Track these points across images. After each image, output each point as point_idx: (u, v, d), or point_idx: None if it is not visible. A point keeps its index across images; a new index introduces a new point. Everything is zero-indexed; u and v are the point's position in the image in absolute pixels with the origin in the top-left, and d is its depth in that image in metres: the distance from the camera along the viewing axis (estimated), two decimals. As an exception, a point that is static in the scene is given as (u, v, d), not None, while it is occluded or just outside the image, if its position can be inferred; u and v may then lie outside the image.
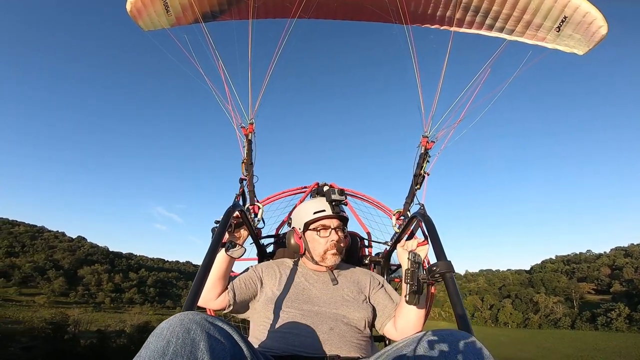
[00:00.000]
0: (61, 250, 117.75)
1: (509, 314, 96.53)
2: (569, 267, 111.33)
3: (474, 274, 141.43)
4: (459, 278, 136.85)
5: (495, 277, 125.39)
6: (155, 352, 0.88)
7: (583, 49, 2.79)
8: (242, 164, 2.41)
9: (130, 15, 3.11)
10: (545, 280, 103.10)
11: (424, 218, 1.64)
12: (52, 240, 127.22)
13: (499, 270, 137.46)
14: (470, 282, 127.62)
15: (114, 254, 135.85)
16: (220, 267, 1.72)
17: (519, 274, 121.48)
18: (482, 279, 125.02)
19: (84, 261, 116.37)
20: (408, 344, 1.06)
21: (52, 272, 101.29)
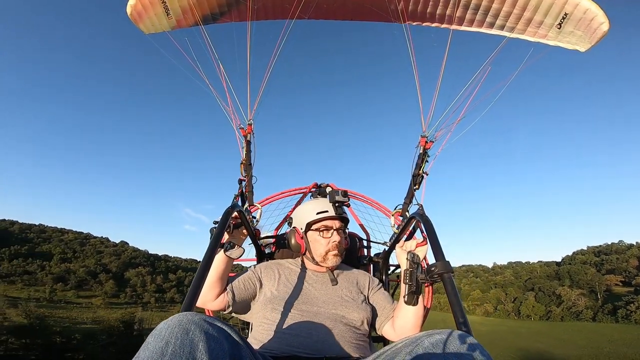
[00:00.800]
0: (108, 255, 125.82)
1: (532, 306, 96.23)
2: (597, 259, 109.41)
3: (502, 267, 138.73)
4: (485, 271, 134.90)
5: (523, 269, 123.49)
6: (154, 353, 0.87)
7: (585, 46, 2.76)
8: (241, 164, 2.42)
9: (131, 18, 3.13)
10: (572, 273, 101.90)
11: (423, 218, 1.63)
12: (98, 246, 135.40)
13: (529, 262, 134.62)
14: (497, 275, 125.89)
15: (153, 257, 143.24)
16: (218, 268, 1.72)
17: (548, 266, 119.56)
18: (510, 272, 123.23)
19: (128, 264, 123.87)
20: (407, 344, 1.05)
21: (103, 276, 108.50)
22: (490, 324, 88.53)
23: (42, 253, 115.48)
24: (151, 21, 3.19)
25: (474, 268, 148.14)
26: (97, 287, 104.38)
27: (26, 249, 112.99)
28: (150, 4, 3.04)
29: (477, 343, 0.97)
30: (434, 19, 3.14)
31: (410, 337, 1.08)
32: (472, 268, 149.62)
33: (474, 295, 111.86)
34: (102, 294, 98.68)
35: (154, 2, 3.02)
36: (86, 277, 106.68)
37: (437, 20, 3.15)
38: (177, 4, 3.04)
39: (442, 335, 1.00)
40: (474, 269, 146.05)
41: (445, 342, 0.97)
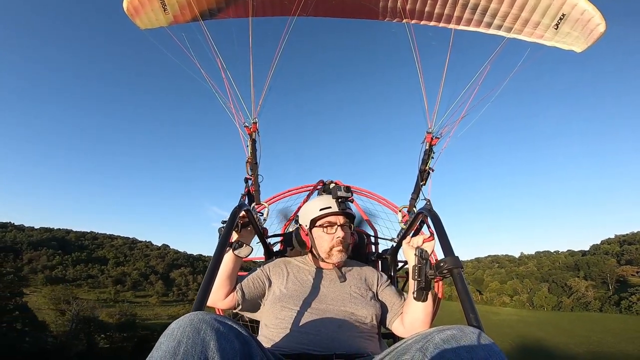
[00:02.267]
0: (154, 258, 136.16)
1: (544, 297, 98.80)
2: (619, 249, 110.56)
3: (529, 256, 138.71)
4: (512, 261, 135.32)
5: (548, 259, 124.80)
6: (166, 353, 0.88)
7: (581, 47, 2.82)
8: (246, 163, 2.40)
9: (127, 13, 3.06)
10: (591, 263, 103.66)
11: (430, 213, 1.64)
12: (144, 250, 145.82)
13: (558, 252, 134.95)
14: (521, 265, 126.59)
15: (192, 257, 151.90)
16: (227, 267, 1.72)
17: (573, 255, 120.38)
18: (533, 262, 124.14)
19: (172, 265, 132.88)
20: (417, 340, 1.05)
21: (153, 277, 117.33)
22: (503, 314, 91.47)
23: (98, 258, 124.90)
24: (148, 16, 3.11)
25: (500, 258, 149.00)
26: (149, 287, 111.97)
27: (85, 255, 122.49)
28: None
29: (488, 338, 0.97)
30: (434, 18, 3.16)
31: (420, 333, 1.08)
32: (497, 258, 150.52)
33: (492, 287, 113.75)
34: (154, 294, 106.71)
35: (151, -4, 2.95)
36: (139, 279, 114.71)
37: (435, 19, 3.18)
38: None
39: (453, 330, 1.00)
40: (499, 259, 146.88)
41: (456, 338, 0.97)
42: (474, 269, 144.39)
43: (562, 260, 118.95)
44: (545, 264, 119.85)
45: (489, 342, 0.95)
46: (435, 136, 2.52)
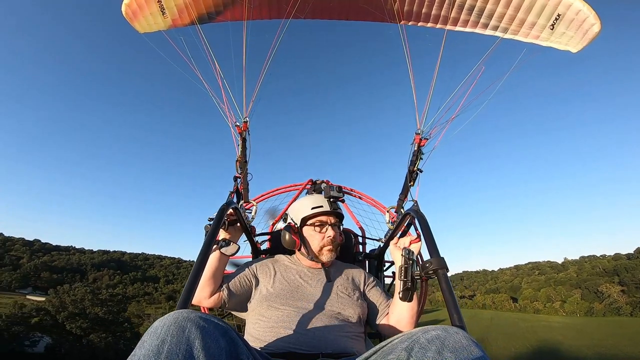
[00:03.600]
0: None
1: (576, 303, 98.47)
2: None
3: (573, 262, 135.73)
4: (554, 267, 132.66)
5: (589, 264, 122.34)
6: (150, 351, 0.87)
7: (576, 47, 2.80)
8: (236, 162, 2.42)
9: (126, 17, 3.12)
10: (629, 268, 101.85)
11: (418, 214, 1.64)
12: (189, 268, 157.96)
13: (605, 255, 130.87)
14: (561, 272, 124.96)
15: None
16: (213, 265, 1.73)
17: (616, 259, 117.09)
18: (574, 268, 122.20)
19: None
20: (402, 340, 1.05)
21: None
22: (533, 320, 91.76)
23: (151, 277, 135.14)
24: (146, 20, 3.17)
25: (541, 265, 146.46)
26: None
27: (140, 274, 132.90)
28: (145, 2, 3.02)
29: (471, 339, 0.97)
30: (429, 19, 3.17)
31: (406, 333, 1.08)
32: (539, 265, 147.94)
33: (525, 294, 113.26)
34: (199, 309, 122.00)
35: (149, 0, 3.01)
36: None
37: (432, 21, 3.18)
38: (172, 2, 3.03)
39: (438, 331, 1.00)
40: (540, 266, 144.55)
41: (440, 338, 0.97)
42: (512, 276, 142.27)
43: (603, 265, 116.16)
44: (585, 269, 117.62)
45: (471, 343, 0.96)
46: (424, 137, 2.51)
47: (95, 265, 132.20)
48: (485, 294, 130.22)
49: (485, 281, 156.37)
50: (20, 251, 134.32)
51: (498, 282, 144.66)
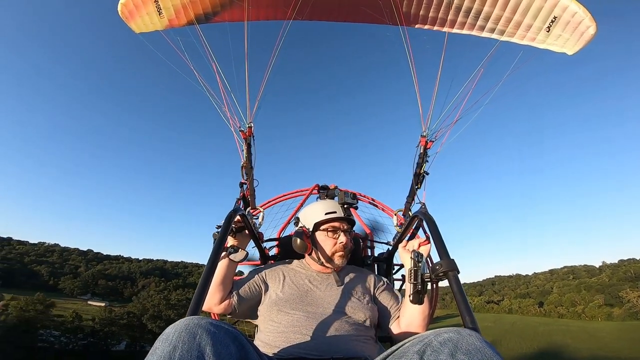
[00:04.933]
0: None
1: (597, 308, 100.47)
2: None
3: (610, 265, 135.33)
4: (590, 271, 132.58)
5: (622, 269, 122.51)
6: (162, 358, 0.88)
7: (573, 49, 2.85)
8: (241, 168, 2.39)
9: (122, 16, 3.05)
10: None
11: (426, 217, 1.64)
12: None
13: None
14: (594, 276, 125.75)
15: None
16: (223, 272, 1.71)
17: None
18: (608, 272, 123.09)
19: None
20: (414, 343, 1.05)
21: None
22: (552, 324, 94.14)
23: (190, 284, 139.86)
24: (143, 20, 3.11)
25: (577, 269, 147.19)
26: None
27: (181, 281, 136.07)
28: (142, 2, 2.96)
29: (485, 340, 0.98)
30: (429, 22, 3.19)
31: (417, 337, 1.08)
32: (574, 269, 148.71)
33: (551, 299, 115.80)
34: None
35: (146, 0, 2.95)
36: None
37: (431, 23, 3.20)
38: (169, 2, 2.97)
39: (450, 333, 1.00)
40: (576, 270, 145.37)
41: (453, 341, 0.97)
42: (545, 281, 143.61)
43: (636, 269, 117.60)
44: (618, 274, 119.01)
45: (485, 345, 0.96)
46: (429, 139, 2.53)
47: (142, 273, 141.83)
48: (514, 299, 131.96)
49: (516, 286, 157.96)
50: (77, 260, 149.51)
51: (530, 286, 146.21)
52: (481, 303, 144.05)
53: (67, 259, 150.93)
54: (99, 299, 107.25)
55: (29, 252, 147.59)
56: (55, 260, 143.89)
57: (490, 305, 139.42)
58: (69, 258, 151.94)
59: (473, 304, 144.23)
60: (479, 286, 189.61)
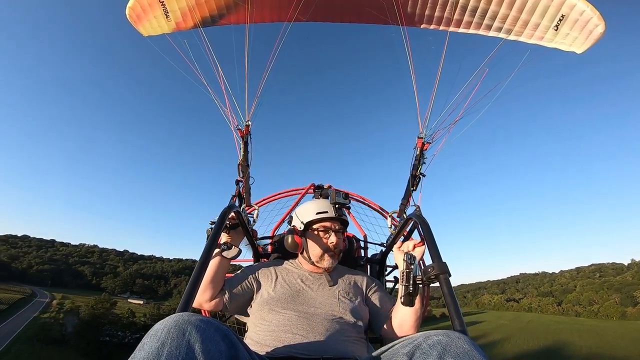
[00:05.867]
0: None
1: (611, 307, 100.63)
2: None
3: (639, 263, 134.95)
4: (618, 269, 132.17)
5: None
6: (150, 354, 0.87)
7: (581, 48, 2.77)
8: (238, 165, 2.41)
9: (130, 20, 3.14)
10: None
11: (420, 219, 1.63)
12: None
13: None
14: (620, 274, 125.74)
15: None
16: (215, 269, 1.72)
17: None
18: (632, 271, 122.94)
19: None
20: (404, 345, 1.05)
21: None
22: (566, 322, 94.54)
23: None
24: (150, 23, 3.19)
25: (605, 266, 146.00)
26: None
27: None
28: (149, 6, 3.05)
29: (473, 344, 0.98)
30: (431, 22, 3.15)
31: (407, 338, 1.08)
32: (602, 267, 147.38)
33: (569, 298, 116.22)
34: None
35: (153, 4, 3.03)
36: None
37: (434, 23, 3.16)
38: (176, 6, 3.05)
39: (439, 336, 1.00)
40: (604, 268, 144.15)
41: (442, 343, 0.97)
42: (570, 279, 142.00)
43: None
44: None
45: (473, 348, 0.96)
46: (426, 141, 2.49)
47: (174, 272, 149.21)
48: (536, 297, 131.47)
49: (540, 284, 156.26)
50: (115, 261, 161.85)
51: (554, 285, 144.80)
52: (501, 301, 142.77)
53: (106, 259, 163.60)
54: (137, 297, 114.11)
55: (72, 254, 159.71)
56: (95, 261, 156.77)
57: (510, 303, 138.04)
58: (107, 258, 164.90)
59: (493, 302, 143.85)
60: (502, 284, 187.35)
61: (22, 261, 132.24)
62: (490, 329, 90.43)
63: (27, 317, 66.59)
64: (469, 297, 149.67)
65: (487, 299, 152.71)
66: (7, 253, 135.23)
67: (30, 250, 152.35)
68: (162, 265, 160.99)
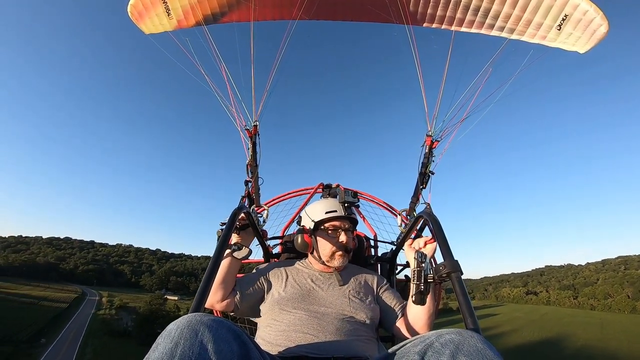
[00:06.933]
0: None
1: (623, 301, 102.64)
2: None
3: None
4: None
5: None
6: (164, 354, 0.87)
7: (584, 47, 2.80)
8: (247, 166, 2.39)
9: (132, 18, 3.10)
10: None
11: (430, 217, 1.62)
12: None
13: None
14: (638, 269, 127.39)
15: None
16: (226, 269, 1.72)
17: None
18: None
19: None
20: (415, 344, 1.05)
21: None
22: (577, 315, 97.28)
23: None
24: (152, 21, 3.15)
25: (632, 259, 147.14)
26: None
27: None
28: (151, 3, 3.01)
29: (486, 342, 0.97)
30: (436, 20, 3.15)
31: (419, 337, 1.08)
32: (629, 259, 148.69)
33: (585, 292, 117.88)
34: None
35: (154, 1, 2.99)
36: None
37: (438, 22, 3.17)
38: (178, 3, 3.01)
39: (452, 335, 1.00)
40: (630, 260, 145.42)
41: (454, 342, 0.97)
42: (594, 271, 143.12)
43: None
44: None
45: (487, 346, 0.95)
46: (435, 139, 2.49)
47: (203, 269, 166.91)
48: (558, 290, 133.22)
49: (564, 277, 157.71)
50: (149, 259, 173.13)
51: (577, 277, 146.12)
52: (520, 294, 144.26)
53: (142, 258, 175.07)
54: (171, 293, 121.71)
55: (111, 254, 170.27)
56: (132, 260, 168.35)
57: (529, 296, 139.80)
58: (142, 257, 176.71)
59: (512, 295, 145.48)
60: (526, 277, 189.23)
61: (68, 262, 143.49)
62: (503, 321, 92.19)
63: (87, 313, 77.88)
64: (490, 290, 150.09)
65: (506, 291, 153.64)
66: (54, 255, 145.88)
67: (74, 252, 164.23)
68: (192, 263, 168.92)
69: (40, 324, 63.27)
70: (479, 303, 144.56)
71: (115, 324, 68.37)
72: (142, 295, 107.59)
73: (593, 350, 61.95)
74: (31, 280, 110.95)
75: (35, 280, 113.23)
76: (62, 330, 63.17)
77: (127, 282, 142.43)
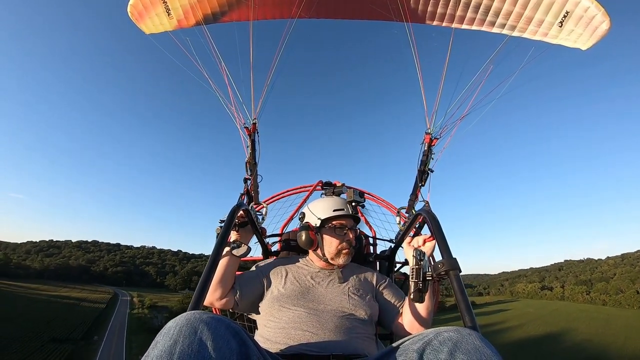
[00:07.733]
0: None
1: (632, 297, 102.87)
2: None
3: None
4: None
5: None
6: (163, 352, 0.88)
7: (586, 44, 2.78)
8: (246, 164, 2.40)
9: (132, 18, 3.12)
10: None
11: (429, 215, 1.62)
12: None
13: None
14: None
15: None
16: (225, 267, 1.72)
17: None
18: None
19: None
20: (414, 341, 1.05)
21: None
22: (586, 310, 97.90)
23: None
24: (152, 21, 3.17)
25: None
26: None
27: None
28: (151, 3, 3.02)
29: (485, 340, 0.97)
30: (436, 18, 3.14)
31: (418, 335, 1.08)
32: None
33: (598, 287, 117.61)
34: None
35: (154, 1, 3.00)
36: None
37: (439, 19, 3.16)
38: (178, 3, 3.02)
39: (450, 333, 1.00)
40: None
41: (453, 340, 0.97)
42: (612, 266, 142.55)
43: None
44: None
45: (485, 344, 0.96)
46: (434, 137, 2.49)
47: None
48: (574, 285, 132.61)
49: (582, 271, 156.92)
50: (172, 260, 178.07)
51: (595, 272, 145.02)
52: (535, 289, 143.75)
53: (164, 259, 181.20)
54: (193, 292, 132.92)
55: (137, 255, 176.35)
56: (156, 261, 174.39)
57: (544, 291, 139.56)
58: (165, 258, 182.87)
59: (527, 290, 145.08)
60: (543, 271, 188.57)
61: (98, 264, 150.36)
62: (511, 316, 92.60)
63: (124, 312, 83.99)
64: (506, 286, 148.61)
65: (521, 287, 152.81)
66: (84, 258, 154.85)
67: (102, 254, 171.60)
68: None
69: (87, 323, 69.05)
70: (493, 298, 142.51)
71: (150, 322, 72.42)
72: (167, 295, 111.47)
73: (589, 345, 62.54)
74: (67, 283, 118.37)
75: (69, 282, 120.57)
76: (107, 328, 68.30)
77: (153, 282, 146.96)
